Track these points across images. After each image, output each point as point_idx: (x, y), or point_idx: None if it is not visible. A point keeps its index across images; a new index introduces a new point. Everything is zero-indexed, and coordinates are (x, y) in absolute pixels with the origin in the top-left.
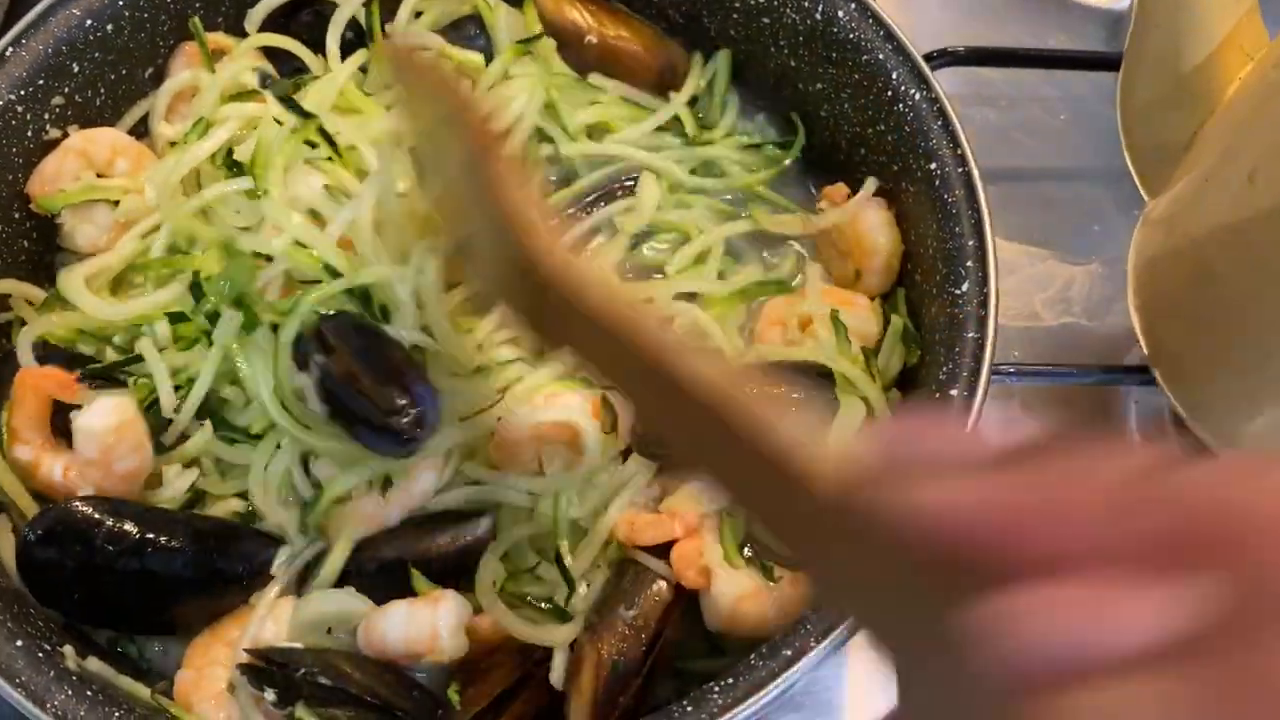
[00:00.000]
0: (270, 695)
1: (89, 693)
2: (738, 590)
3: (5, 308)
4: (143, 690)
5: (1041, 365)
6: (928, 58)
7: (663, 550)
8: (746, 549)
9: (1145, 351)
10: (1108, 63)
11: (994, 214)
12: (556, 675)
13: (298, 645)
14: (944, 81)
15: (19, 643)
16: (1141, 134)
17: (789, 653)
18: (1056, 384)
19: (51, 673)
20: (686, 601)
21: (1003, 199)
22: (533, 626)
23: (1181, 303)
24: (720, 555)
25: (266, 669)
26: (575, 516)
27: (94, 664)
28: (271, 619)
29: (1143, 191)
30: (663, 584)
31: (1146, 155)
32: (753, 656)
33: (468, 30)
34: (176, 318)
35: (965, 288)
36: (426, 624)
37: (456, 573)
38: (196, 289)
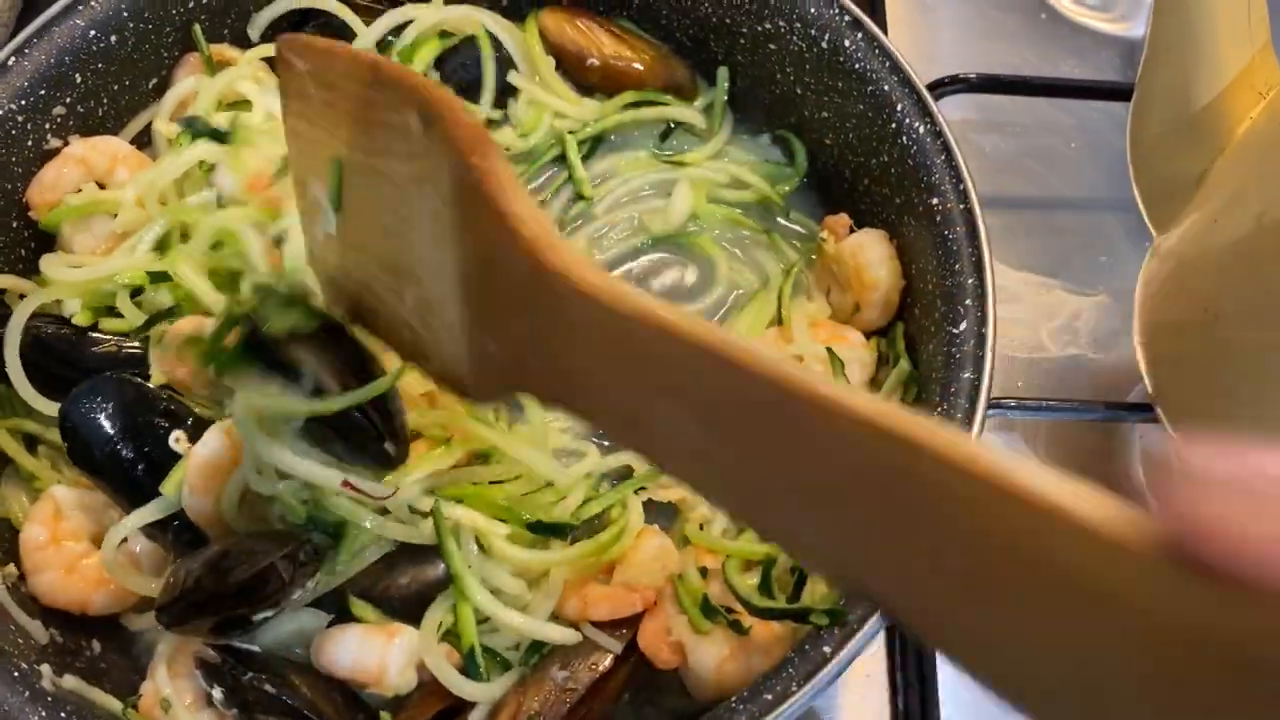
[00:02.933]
0: (218, 693)
1: (63, 714)
2: (716, 657)
3: (2, 304)
4: (115, 704)
5: (1044, 400)
6: (940, 84)
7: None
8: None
9: (1149, 389)
10: (1120, 92)
11: (1002, 242)
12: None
13: (256, 649)
14: (955, 107)
15: None
16: (1151, 168)
17: (769, 697)
18: (1059, 419)
19: (26, 693)
20: (627, 676)
21: (1011, 227)
22: (462, 679)
23: (1187, 341)
24: (687, 626)
25: (219, 666)
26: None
27: (70, 681)
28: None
29: (1150, 226)
30: (604, 656)
31: (1155, 190)
32: (733, 699)
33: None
34: (158, 277)
35: (963, 327)
36: (376, 654)
37: (413, 611)
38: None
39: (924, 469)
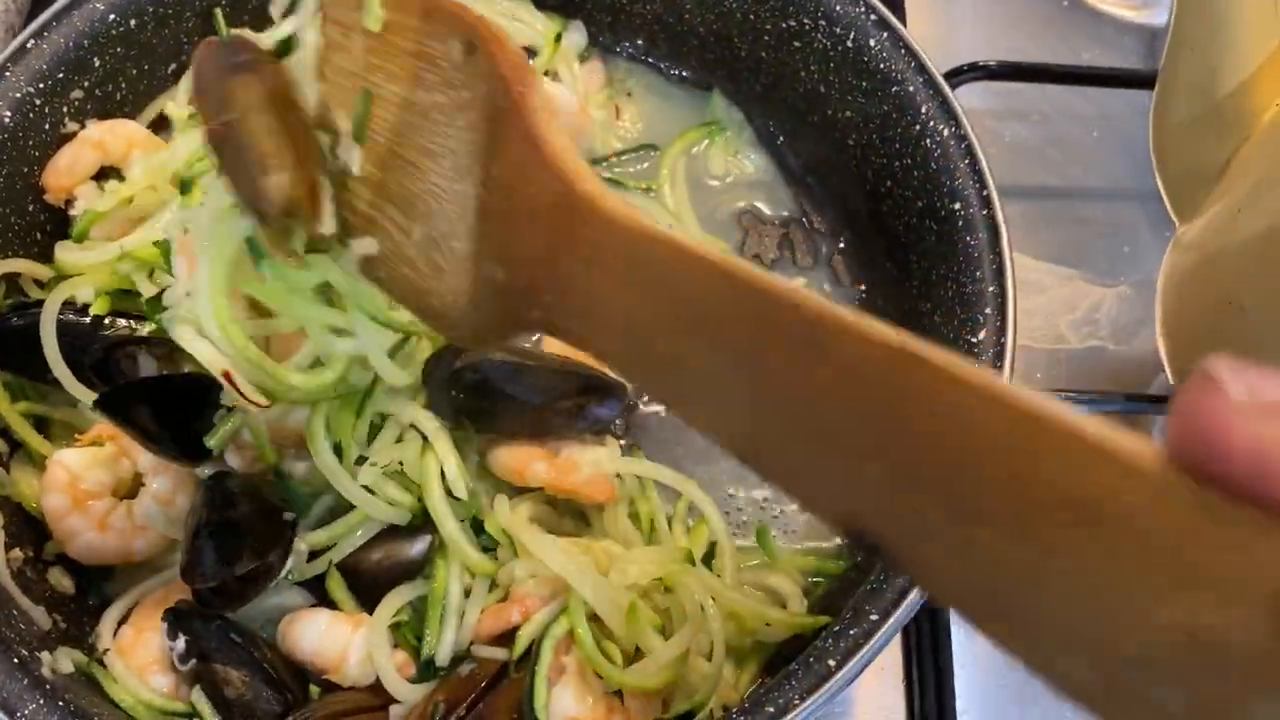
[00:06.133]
0: (180, 643)
1: (60, 703)
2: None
3: (16, 289)
4: (118, 691)
5: (1064, 391)
6: (958, 71)
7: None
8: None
9: (1171, 380)
10: (1142, 80)
11: (1022, 232)
12: (394, 713)
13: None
14: (975, 95)
15: None
16: (1174, 157)
17: (771, 709)
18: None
19: (25, 680)
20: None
21: (1031, 216)
22: (398, 678)
23: (1209, 332)
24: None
25: (188, 612)
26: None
27: (70, 667)
28: None
29: (1173, 215)
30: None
31: (1178, 179)
32: (733, 711)
33: None
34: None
35: (982, 336)
36: (339, 643)
37: (384, 590)
38: None
39: (937, 390)
